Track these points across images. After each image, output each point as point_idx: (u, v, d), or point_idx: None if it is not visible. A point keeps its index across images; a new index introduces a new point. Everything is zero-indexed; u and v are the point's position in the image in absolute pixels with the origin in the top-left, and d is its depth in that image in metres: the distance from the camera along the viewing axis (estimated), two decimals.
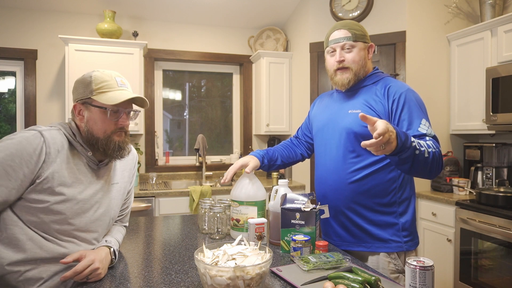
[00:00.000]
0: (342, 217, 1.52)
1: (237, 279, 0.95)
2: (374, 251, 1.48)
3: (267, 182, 3.62)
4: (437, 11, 3.10)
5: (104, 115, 1.19)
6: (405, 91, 1.45)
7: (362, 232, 1.49)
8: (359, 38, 1.52)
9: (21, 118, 3.46)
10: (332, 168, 1.54)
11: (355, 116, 1.47)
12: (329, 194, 1.55)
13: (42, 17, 3.45)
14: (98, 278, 1.13)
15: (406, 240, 1.47)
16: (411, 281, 0.96)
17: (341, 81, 1.53)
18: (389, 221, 1.47)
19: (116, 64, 3.25)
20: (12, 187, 1.07)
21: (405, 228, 1.48)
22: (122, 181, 1.37)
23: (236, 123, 4.18)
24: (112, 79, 1.21)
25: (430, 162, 1.28)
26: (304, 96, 3.52)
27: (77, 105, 1.21)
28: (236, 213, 1.52)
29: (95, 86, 1.18)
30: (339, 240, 1.54)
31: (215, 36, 3.95)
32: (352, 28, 1.52)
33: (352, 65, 1.51)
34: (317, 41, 3.40)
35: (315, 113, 1.74)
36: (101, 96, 1.18)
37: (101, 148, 1.20)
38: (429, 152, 1.27)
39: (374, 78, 1.56)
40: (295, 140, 1.87)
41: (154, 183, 3.47)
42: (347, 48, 1.51)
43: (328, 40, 1.57)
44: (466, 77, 2.97)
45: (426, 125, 1.40)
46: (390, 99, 1.44)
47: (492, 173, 2.86)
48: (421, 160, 1.25)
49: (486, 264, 2.43)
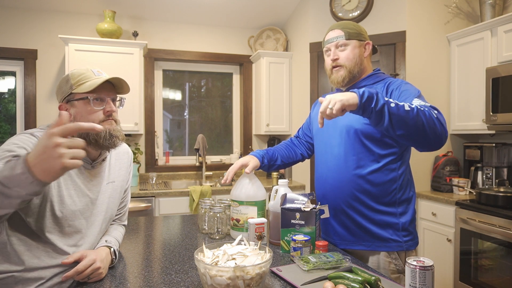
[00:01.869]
0: (343, 216, 1.52)
1: (237, 279, 0.95)
2: (374, 249, 1.48)
3: (267, 182, 3.62)
4: (437, 11, 3.10)
5: (88, 105, 1.18)
6: (401, 80, 1.50)
7: (362, 231, 1.49)
8: (353, 36, 1.54)
9: (21, 118, 3.46)
10: (333, 166, 1.54)
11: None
12: (330, 192, 1.55)
13: (42, 17, 3.45)
14: (99, 277, 1.14)
15: (406, 239, 1.48)
16: (411, 281, 0.96)
17: (336, 79, 1.56)
18: (389, 220, 1.47)
19: (116, 64, 3.25)
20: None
21: (405, 228, 1.48)
22: (118, 180, 1.37)
23: (236, 123, 4.18)
24: (88, 71, 1.22)
25: (415, 117, 1.20)
26: (304, 96, 3.52)
27: (62, 105, 1.21)
28: (236, 213, 1.52)
29: (74, 80, 1.19)
30: (339, 239, 1.54)
31: (215, 36, 3.95)
32: (345, 27, 1.55)
33: (346, 63, 1.53)
34: (317, 41, 3.40)
35: (316, 112, 1.74)
36: (80, 87, 1.18)
37: (93, 139, 1.18)
38: (412, 108, 1.21)
39: (375, 78, 1.56)
40: (296, 140, 1.88)
41: (154, 183, 3.47)
42: (341, 46, 1.54)
43: (324, 40, 1.61)
44: (466, 77, 2.97)
45: (418, 101, 1.33)
46: (388, 94, 1.46)
47: (492, 173, 2.86)
48: (400, 115, 1.19)
49: (486, 264, 2.43)
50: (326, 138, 1.60)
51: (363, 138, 1.47)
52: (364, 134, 1.46)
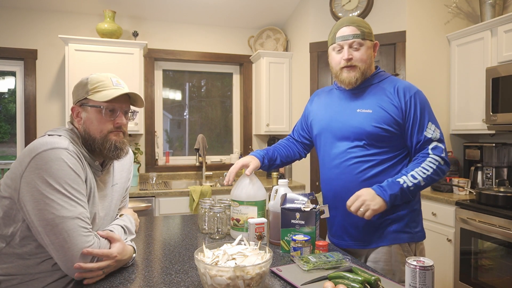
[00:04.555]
0: (354, 216, 1.47)
1: (237, 279, 0.95)
2: (386, 244, 1.48)
3: (267, 182, 3.62)
4: (437, 11, 3.10)
5: (99, 114, 1.19)
6: (415, 93, 1.47)
7: (374, 229, 1.49)
8: (367, 36, 1.49)
9: (21, 118, 3.46)
10: (341, 167, 1.51)
11: (366, 115, 1.47)
12: (339, 194, 1.52)
13: (42, 17, 3.45)
14: (95, 279, 1.10)
15: (416, 230, 1.51)
16: (411, 281, 0.96)
17: (348, 79, 1.49)
18: (400, 213, 1.48)
19: (116, 64, 3.25)
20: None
21: (414, 219, 1.51)
22: (120, 182, 1.38)
23: (236, 123, 4.18)
24: (108, 79, 1.22)
25: (430, 181, 1.42)
26: (304, 96, 3.52)
27: (75, 107, 1.22)
28: (236, 213, 1.52)
29: (91, 86, 1.20)
30: (353, 240, 1.53)
31: (215, 36, 3.95)
32: (361, 26, 1.48)
33: (360, 64, 1.48)
34: (317, 41, 3.40)
35: (315, 111, 1.69)
36: (96, 95, 1.19)
37: (97, 148, 1.19)
38: (426, 178, 1.41)
39: (380, 77, 1.54)
40: (292, 140, 1.85)
41: (154, 183, 3.47)
42: (355, 47, 1.47)
43: (335, 36, 1.51)
44: (466, 77, 2.97)
45: (432, 128, 1.45)
46: (402, 100, 1.45)
47: (492, 173, 2.86)
48: (419, 188, 1.41)
49: (486, 264, 2.43)
50: (331, 139, 1.56)
51: (370, 140, 1.46)
52: (371, 136, 1.45)
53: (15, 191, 1.05)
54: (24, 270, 1.08)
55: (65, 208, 1.04)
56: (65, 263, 1.04)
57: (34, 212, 1.03)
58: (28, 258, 1.08)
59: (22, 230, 1.07)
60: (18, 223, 1.07)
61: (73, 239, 1.03)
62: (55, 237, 1.02)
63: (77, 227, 1.04)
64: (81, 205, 1.08)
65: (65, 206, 1.04)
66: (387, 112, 1.45)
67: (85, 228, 1.06)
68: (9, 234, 1.08)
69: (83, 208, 1.09)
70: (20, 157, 1.07)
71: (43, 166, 1.04)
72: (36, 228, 1.04)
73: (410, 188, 1.38)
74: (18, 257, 1.08)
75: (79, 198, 1.08)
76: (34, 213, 1.03)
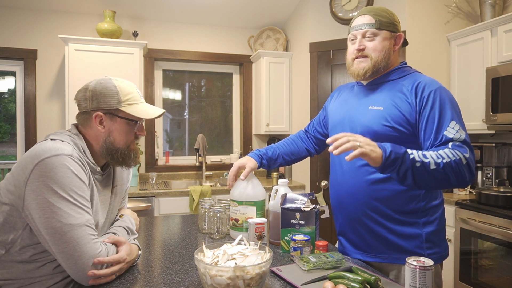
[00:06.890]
0: (358, 225, 1.39)
1: (237, 279, 0.95)
2: (391, 262, 1.34)
3: (267, 182, 3.62)
4: (437, 11, 3.10)
5: (130, 127, 1.21)
6: (437, 88, 1.29)
7: (379, 242, 1.36)
8: (384, 26, 1.35)
9: (21, 118, 3.45)
10: (348, 170, 1.40)
11: (376, 113, 1.34)
12: (345, 199, 1.42)
13: (42, 17, 3.45)
14: (110, 278, 1.11)
15: (429, 252, 1.32)
16: (411, 281, 0.97)
17: (357, 71, 1.38)
18: (410, 231, 1.32)
19: (116, 64, 3.25)
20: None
21: (429, 240, 1.32)
22: (120, 183, 1.38)
23: (236, 123, 4.18)
24: (135, 90, 1.23)
25: (442, 173, 1.16)
26: (304, 96, 3.52)
27: (100, 114, 1.17)
28: (235, 213, 1.52)
29: (123, 97, 1.18)
30: (353, 249, 1.43)
31: (215, 36, 3.95)
32: (377, 14, 1.35)
33: (372, 54, 1.35)
34: (317, 41, 3.40)
35: (332, 107, 1.58)
36: (130, 108, 1.18)
37: (121, 157, 1.21)
38: (439, 163, 1.16)
39: (400, 73, 1.40)
40: (304, 134, 1.76)
41: (154, 183, 3.47)
42: (368, 36, 1.35)
43: (350, 26, 1.42)
44: (466, 77, 2.97)
45: (455, 128, 1.25)
46: (418, 97, 1.29)
47: (492, 173, 2.86)
48: (427, 173, 1.16)
49: (486, 264, 2.43)
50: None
51: (379, 141, 1.25)
52: (380, 137, 1.30)
53: (19, 198, 1.03)
54: (24, 274, 1.07)
55: (72, 216, 1.03)
56: (76, 271, 1.03)
57: (41, 220, 1.01)
58: (28, 263, 1.07)
59: (23, 239, 1.06)
60: (19, 230, 1.05)
61: (83, 247, 1.02)
62: (64, 246, 1.01)
63: (86, 235, 1.04)
64: (87, 212, 1.08)
65: (72, 213, 1.03)
66: (399, 110, 1.31)
67: (93, 235, 1.06)
68: (9, 241, 1.06)
69: (89, 215, 1.08)
70: (22, 163, 1.05)
71: (48, 174, 1.02)
72: (43, 236, 1.02)
73: (415, 164, 1.15)
74: (18, 262, 1.07)
75: (85, 205, 1.08)
76: (41, 221, 1.01)
